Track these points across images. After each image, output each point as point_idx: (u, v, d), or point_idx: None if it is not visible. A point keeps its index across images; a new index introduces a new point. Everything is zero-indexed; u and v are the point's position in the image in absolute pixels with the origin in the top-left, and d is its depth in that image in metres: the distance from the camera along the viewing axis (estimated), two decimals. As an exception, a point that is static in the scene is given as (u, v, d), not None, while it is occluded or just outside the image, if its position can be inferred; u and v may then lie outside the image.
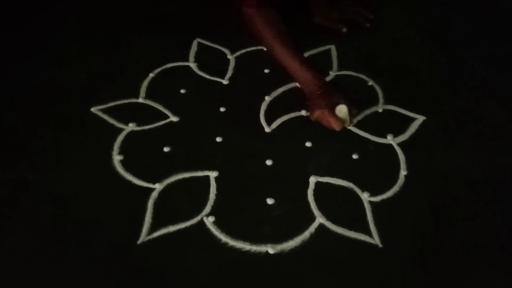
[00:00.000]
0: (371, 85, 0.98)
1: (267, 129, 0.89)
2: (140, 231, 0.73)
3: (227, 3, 0.93)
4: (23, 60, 1.04)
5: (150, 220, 0.75)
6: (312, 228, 0.74)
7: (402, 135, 0.88)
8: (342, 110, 0.79)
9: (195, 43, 1.08)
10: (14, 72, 1.01)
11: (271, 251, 0.71)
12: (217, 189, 0.79)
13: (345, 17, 1.10)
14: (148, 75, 1.00)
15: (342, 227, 0.74)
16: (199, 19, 1.16)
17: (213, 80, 1.00)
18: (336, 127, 0.80)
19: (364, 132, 0.89)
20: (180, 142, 0.87)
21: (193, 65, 1.03)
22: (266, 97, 0.95)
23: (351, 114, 0.82)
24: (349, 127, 0.85)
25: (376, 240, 0.73)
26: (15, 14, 1.18)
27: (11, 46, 1.09)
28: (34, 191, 0.79)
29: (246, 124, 0.90)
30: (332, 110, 0.81)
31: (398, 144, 0.86)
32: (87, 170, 0.82)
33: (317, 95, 0.84)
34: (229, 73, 1.01)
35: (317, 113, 0.81)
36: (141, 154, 0.85)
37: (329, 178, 0.81)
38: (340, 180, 0.81)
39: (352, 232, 0.73)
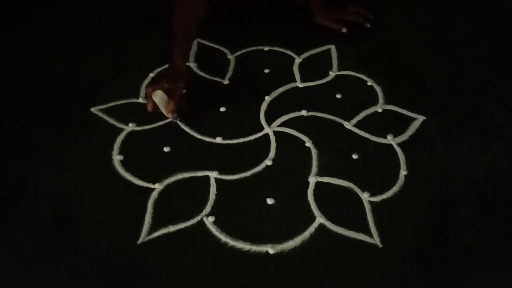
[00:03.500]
0: (371, 85, 0.98)
1: (267, 129, 0.89)
2: (140, 231, 0.73)
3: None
4: (23, 60, 1.05)
5: (150, 220, 0.75)
6: (312, 228, 0.74)
7: (402, 135, 0.88)
8: (157, 95, 0.83)
9: (195, 43, 1.08)
10: (14, 72, 1.01)
11: (271, 251, 0.71)
12: (217, 189, 0.79)
13: (345, 17, 1.10)
14: (148, 75, 1.00)
15: (342, 227, 0.74)
16: (199, 19, 1.16)
17: (213, 80, 1.00)
18: (147, 106, 0.86)
19: (364, 132, 0.89)
20: (180, 142, 0.87)
21: (193, 65, 1.03)
22: (266, 97, 0.95)
23: (167, 105, 0.85)
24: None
25: (376, 240, 0.72)
26: (15, 15, 1.18)
27: (11, 46, 1.09)
28: (34, 191, 0.79)
29: (246, 124, 0.90)
30: (153, 90, 0.85)
31: (398, 144, 0.86)
32: (87, 170, 0.82)
33: (160, 73, 0.91)
34: (229, 73, 1.01)
35: (146, 86, 0.89)
36: (141, 154, 0.85)
37: (329, 178, 0.81)
38: (340, 180, 0.81)
39: (352, 232, 0.73)
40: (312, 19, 1.12)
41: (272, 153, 0.85)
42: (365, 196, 0.78)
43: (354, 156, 0.84)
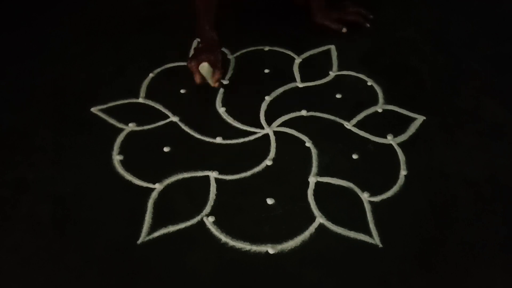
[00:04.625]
0: (371, 85, 0.98)
1: (267, 129, 0.89)
2: (140, 231, 0.73)
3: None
4: (23, 60, 1.05)
5: (150, 220, 0.75)
6: (312, 228, 0.74)
7: (402, 135, 0.88)
8: (203, 67, 0.89)
9: (195, 43, 1.08)
10: (14, 72, 1.01)
11: (271, 251, 0.71)
12: (217, 189, 0.79)
13: (345, 17, 1.11)
14: (148, 75, 1.00)
15: (342, 227, 0.74)
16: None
17: (213, 80, 1.00)
18: (195, 79, 0.93)
19: (364, 132, 0.89)
20: (180, 142, 0.87)
21: (193, 65, 1.03)
22: (266, 97, 0.95)
23: (213, 75, 0.91)
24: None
25: (376, 240, 0.72)
26: (16, 15, 1.18)
27: (11, 46, 1.09)
28: (34, 191, 0.79)
29: (246, 124, 0.90)
30: (198, 64, 0.91)
31: (398, 144, 0.86)
32: (87, 170, 0.82)
33: (198, 48, 0.95)
34: (229, 73, 1.01)
35: (188, 62, 0.92)
36: (141, 154, 0.85)
37: (329, 178, 0.81)
38: (340, 180, 0.81)
39: (352, 232, 0.73)
40: (312, 19, 1.12)
41: (272, 153, 0.85)
42: (365, 196, 0.78)
43: (354, 156, 0.84)
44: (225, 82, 0.99)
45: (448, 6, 1.20)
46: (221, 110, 0.93)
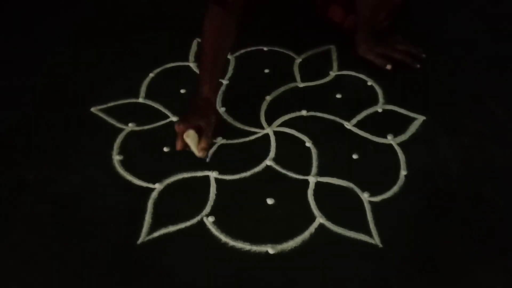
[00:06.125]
0: (371, 85, 0.98)
1: (267, 129, 0.89)
2: (140, 231, 0.73)
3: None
4: (24, 60, 1.05)
5: (150, 220, 0.75)
6: (312, 228, 0.74)
7: (402, 135, 0.88)
8: (188, 136, 0.77)
9: (195, 43, 1.09)
10: (15, 72, 1.01)
11: (271, 251, 0.71)
12: (217, 189, 0.79)
13: (392, 54, 1.01)
14: (148, 75, 1.00)
15: (342, 227, 0.74)
16: (199, 19, 1.16)
17: (213, 80, 1.00)
18: (177, 145, 0.78)
19: (364, 132, 0.89)
20: (180, 142, 0.87)
21: (193, 65, 1.03)
22: (266, 97, 0.95)
23: (199, 145, 0.77)
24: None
25: (376, 240, 0.72)
26: (16, 15, 1.18)
27: (12, 46, 1.09)
28: (34, 191, 0.79)
29: (246, 124, 0.90)
30: (185, 129, 0.77)
31: (398, 144, 0.86)
32: (87, 170, 0.82)
33: (190, 109, 0.81)
34: (229, 73, 1.01)
35: (176, 124, 0.78)
36: (141, 154, 0.85)
37: (329, 178, 0.81)
38: (340, 180, 0.81)
39: (352, 232, 0.73)
40: (355, 51, 1.04)
41: (272, 153, 0.85)
42: (365, 196, 0.78)
43: (354, 156, 0.84)
44: (225, 82, 0.99)
45: (448, 6, 1.20)
46: (221, 110, 0.93)
